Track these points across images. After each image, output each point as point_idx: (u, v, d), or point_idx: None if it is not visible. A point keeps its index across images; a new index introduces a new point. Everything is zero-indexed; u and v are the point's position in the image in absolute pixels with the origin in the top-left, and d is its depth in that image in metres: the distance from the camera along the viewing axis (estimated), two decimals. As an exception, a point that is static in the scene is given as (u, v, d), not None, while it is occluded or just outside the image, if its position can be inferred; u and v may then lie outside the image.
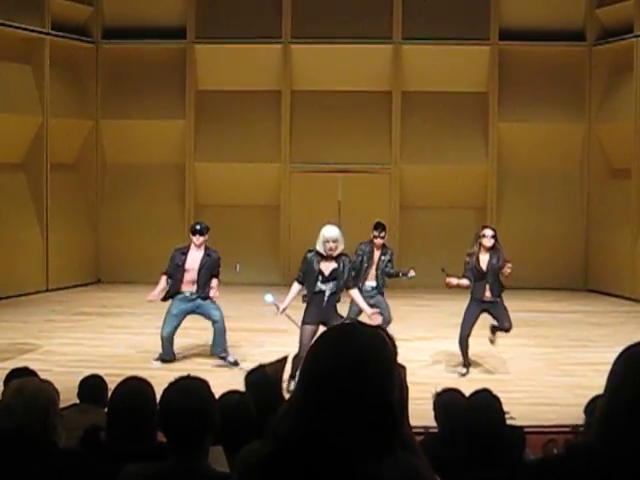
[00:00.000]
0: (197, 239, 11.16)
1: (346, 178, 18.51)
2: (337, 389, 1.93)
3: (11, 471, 3.50)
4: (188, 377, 3.29)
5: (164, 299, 11.17)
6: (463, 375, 10.66)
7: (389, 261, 11.83)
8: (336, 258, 9.89)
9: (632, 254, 16.93)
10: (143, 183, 18.74)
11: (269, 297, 10.35)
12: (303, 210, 17.98)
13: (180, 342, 11.46)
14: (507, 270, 10.58)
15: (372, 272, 11.76)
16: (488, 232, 10.76)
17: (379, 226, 11.88)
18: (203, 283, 11.05)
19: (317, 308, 9.82)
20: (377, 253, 11.78)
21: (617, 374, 2.21)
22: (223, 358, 10.93)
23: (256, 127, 18.56)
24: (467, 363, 10.84)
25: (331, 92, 18.46)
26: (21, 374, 5.33)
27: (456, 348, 11.23)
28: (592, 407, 4.55)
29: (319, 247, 9.79)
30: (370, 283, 11.74)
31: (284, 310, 10.13)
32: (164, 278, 11.19)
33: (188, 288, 11.08)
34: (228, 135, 18.53)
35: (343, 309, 10.72)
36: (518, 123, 18.26)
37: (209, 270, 11.09)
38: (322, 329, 9.94)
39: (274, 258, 18.68)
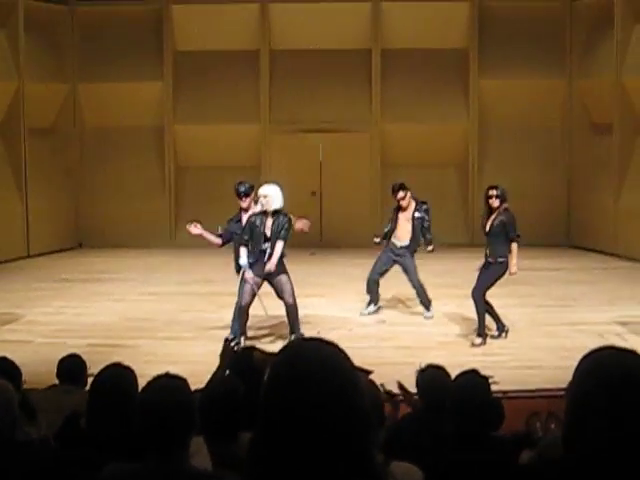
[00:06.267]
0: (244, 202, 10.57)
1: (327, 137, 18.40)
2: (303, 426, 1.85)
3: None
4: (166, 375, 3.24)
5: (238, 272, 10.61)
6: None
7: (421, 218, 11.68)
8: (273, 215, 10.04)
9: (614, 210, 16.93)
10: (122, 146, 18.59)
11: (243, 260, 10.29)
12: (284, 170, 17.85)
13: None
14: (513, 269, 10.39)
15: (402, 231, 11.70)
16: (491, 192, 10.36)
17: (393, 188, 11.81)
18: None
19: (261, 264, 10.13)
20: (406, 212, 11.71)
21: (580, 387, 2.09)
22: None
23: (235, 88, 18.40)
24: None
25: (310, 51, 18.30)
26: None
27: (439, 309, 11.64)
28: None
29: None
30: (399, 242, 11.72)
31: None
32: (216, 237, 10.75)
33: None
34: (207, 96, 18.37)
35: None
36: (499, 80, 18.13)
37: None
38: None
39: (256, 219, 18.58)
